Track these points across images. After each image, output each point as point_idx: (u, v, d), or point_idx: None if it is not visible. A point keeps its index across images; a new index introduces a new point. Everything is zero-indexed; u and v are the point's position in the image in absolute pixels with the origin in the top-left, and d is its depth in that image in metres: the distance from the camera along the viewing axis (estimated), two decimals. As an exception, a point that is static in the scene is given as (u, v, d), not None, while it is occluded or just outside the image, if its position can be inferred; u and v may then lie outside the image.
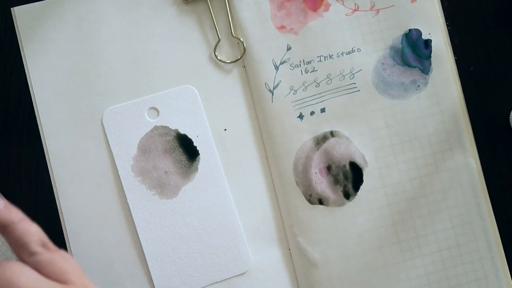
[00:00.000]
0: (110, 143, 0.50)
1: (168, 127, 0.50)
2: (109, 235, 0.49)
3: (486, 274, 0.49)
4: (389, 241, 0.49)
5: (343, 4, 0.50)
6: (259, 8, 0.50)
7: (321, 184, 0.49)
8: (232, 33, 0.50)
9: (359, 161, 0.50)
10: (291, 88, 0.50)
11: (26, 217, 0.39)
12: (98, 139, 0.50)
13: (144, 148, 0.50)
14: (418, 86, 0.50)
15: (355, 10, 0.50)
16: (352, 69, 0.50)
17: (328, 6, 0.50)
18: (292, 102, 0.50)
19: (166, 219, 0.49)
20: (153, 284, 0.49)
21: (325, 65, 0.50)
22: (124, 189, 0.49)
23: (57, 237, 0.51)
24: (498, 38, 0.52)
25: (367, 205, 0.49)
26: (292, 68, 0.50)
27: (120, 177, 0.49)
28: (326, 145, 0.50)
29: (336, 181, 0.49)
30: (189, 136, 0.50)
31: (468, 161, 0.50)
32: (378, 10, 0.50)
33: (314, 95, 0.50)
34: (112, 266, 0.49)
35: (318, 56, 0.50)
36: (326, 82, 0.50)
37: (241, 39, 0.50)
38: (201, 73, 0.50)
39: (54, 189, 0.49)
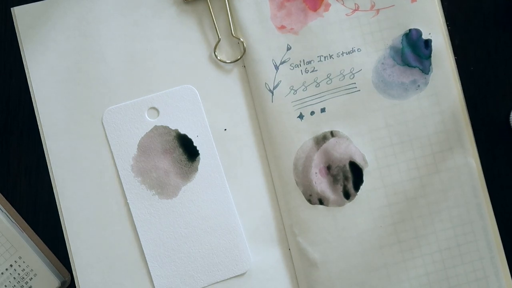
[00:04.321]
0: (110, 143, 0.50)
1: (168, 127, 0.50)
2: (109, 235, 0.49)
3: (486, 274, 0.49)
4: (389, 241, 0.49)
5: (343, 4, 0.50)
6: (259, 8, 0.50)
7: (321, 184, 0.49)
8: (232, 33, 0.50)
9: (359, 161, 0.50)
10: (291, 88, 0.50)
11: None
12: (98, 139, 0.50)
13: (144, 148, 0.50)
14: (418, 86, 0.50)
15: (355, 10, 0.50)
16: (352, 69, 0.50)
17: (328, 6, 0.50)
18: (292, 102, 0.50)
19: (166, 219, 0.49)
20: (153, 284, 0.49)
21: (325, 65, 0.50)
22: (124, 189, 0.49)
23: (57, 237, 0.51)
24: (498, 38, 0.52)
25: (367, 205, 0.49)
26: (292, 68, 0.50)
27: (120, 177, 0.49)
28: (326, 145, 0.50)
29: (336, 181, 0.49)
30: (189, 136, 0.50)
31: (468, 161, 0.50)
32: (378, 10, 0.50)
33: (314, 95, 0.50)
34: (112, 266, 0.49)
35: (318, 56, 0.50)
36: (326, 82, 0.50)
37: (241, 39, 0.50)
38: (201, 73, 0.50)
39: (54, 189, 0.49)
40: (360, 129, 0.50)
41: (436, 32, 0.50)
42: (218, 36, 0.50)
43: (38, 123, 0.50)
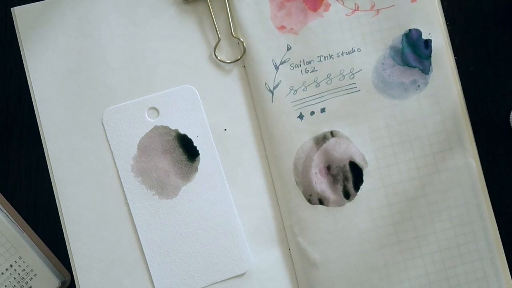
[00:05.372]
0: (110, 143, 0.50)
1: (168, 127, 0.50)
2: (109, 235, 0.49)
3: (486, 274, 0.49)
4: (389, 241, 0.49)
5: (343, 4, 0.50)
6: (259, 8, 0.50)
7: (321, 184, 0.49)
8: (232, 33, 0.50)
9: (359, 161, 0.50)
10: (291, 88, 0.50)
11: None
12: (98, 139, 0.50)
13: (144, 148, 0.50)
14: (418, 86, 0.50)
15: (355, 10, 0.50)
16: (352, 69, 0.50)
17: (328, 6, 0.50)
18: (292, 102, 0.50)
19: (166, 219, 0.49)
20: (153, 284, 0.49)
21: (325, 65, 0.50)
22: (124, 189, 0.49)
23: (57, 237, 0.51)
24: (498, 38, 0.52)
25: (367, 205, 0.49)
26: (292, 68, 0.50)
27: (120, 177, 0.49)
28: (326, 145, 0.50)
29: (336, 181, 0.49)
30: (189, 136, 0.50)
31: (468, 161, 0.50)
32: (378, 10, 0.50)
33: (314, 95, 0.50)
34: (112, 266, 0.49)
35: (318, 56, 0.50)
36: (326, 82, 0.50)
37: (241, 39, 0.50)
38: (201, 73, 0.50)
39: (54, 189, 0.49)
40: (360, 129, 0.50)
41: (436, 32, 0.50)
42: (218, 36, 0.50)
43: (38, 123, 0.50)
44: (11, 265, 0.49)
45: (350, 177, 0.49)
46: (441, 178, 0.50)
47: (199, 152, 0.50)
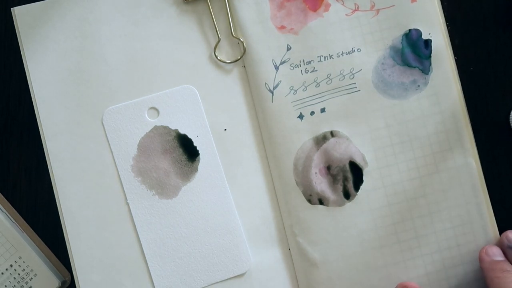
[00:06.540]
0: (110, 143, 0.50)
1: (168, 127, 0.50)
2: (109, 235, 0.49)
3: (486, 274, 0.49)
4: (389, 241, 0.49)
5: (343, 4, 0.50)
6: (259, 8, 0.50)
7: (321, 184, 0.49)
8: (232, 33, 0.50)
9: (359, 161, 0.50)
10: (291, 88, 0.50)
11: None
12: (98, 139, 0.50)
13: (144, 148, 0.50)
14: (418, 86, 0.50)
15: (355, 10, 0.50)
16: (352, 69, 0.50)
17: (328, 6, 0.50)
18: (292, 102, 0.50)
19: (166, 219, 0.49)
20: (153, 284, 0.49)
21: (325, 65, 0.50)
22: (124, 189, 0.49)
23: (57, 237, 0.51)
24: (498, 38, 0.52)
25: (367, 205, 0.49)
26: (292, 68, 0.50)
27: (120, 177, 0.49)
28: (326, 145, 0.50)
29: (336, 181, 0.49)
30: (189, 136, 0.50)
31: (468, 161, 0.50)
32: (378, 10, 0.50)
33: (314, 95, 0.50)
34: (112, 266, 0.49)
35: (318, 56, 0.50)
36: (326, 82, 0.50)
37: (241, 39, 0.50)
38: (201, 73, 0.50)
39: (54, 189, 0.49)
40: (360, 129, 0.50)
41: (436, 32, 0.50)
42: (218, 36, 0.50)
43: (38, 123, 0.50)
44: (11, 265, 0.49)
45: (350, 177, 0.49)
46: (441, 178, 0.50)
47: (199, 152, 0.50)
